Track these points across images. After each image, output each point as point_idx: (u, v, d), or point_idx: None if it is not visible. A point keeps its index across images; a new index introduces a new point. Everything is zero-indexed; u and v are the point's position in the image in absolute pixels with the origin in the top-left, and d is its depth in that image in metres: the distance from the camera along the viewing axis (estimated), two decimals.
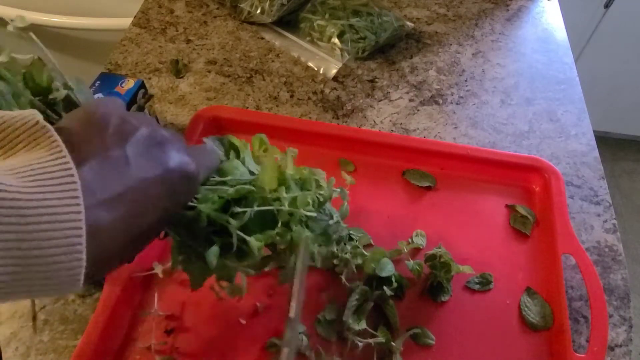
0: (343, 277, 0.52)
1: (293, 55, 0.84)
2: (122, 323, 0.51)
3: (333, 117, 0.75)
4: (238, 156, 0.41)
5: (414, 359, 0.51)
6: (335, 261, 0.54)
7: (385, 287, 0.52)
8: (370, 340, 0.49)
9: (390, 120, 0.75)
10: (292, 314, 0.40)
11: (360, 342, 0.49)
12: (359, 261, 0.53)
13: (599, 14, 1.62)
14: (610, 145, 2.09)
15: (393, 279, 0.53)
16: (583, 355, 0.50)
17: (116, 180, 0.27)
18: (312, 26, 0.85)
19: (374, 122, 0.75)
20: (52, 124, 0.25)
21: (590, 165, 0.72)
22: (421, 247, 0.59)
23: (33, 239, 0.22)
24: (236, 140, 0.42)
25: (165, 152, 0.30)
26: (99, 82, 0.64)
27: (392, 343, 0.50)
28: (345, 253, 0.53)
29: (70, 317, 0.53)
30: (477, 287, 0.57)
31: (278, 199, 0.38)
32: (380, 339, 0.49)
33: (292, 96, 0.78)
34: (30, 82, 0.34)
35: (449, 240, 0.60)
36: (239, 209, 0.35)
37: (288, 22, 0.88)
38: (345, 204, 0.50)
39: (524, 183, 0.67)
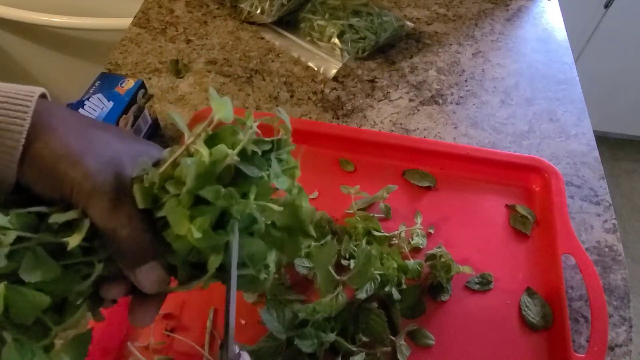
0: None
1: (293, 55, 0.84)
2: (122, 323, 0.51)
3: (333, 117, 0.75)
4: None
5: (414, 359, 0.51)
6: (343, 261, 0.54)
7: (394, 289, 0.52)
8: (377, 352, 0.50)
9: (390, 120, 0.75)
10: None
11: (366, 351, 0.49)
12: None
13: (599, 14, 1.62)
14: (610, 145, 2.09)
15: (403, 281, 0.53)
16: (583, 355, 0.50)
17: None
18: (312, 26, 0.85)
19: (374, 122, 0.75)
20: None
21: (590, 165, 0.72)
22: (421, 247, 0.59)
23: None
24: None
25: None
26: (99, 82, 0.64)
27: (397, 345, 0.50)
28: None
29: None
30: (477, 287, 0.57)
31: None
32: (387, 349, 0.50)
33: (292, 96, 0.78)
34: None
35: (449, 240, 0.60)
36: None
37: (288, 22, 0.88)
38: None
39: (524, 183, 0.67)
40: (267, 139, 0.34)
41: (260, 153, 0.33)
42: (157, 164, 0.32)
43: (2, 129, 0.28)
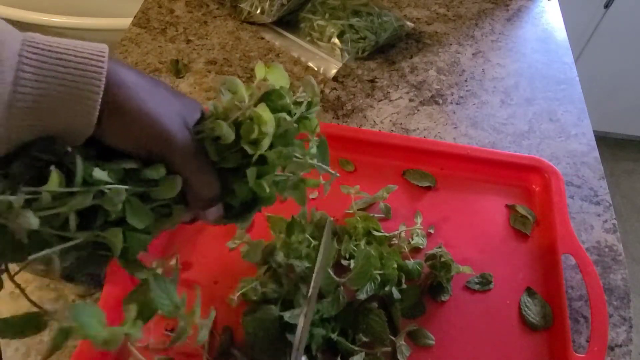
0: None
1: (293, 55, 0.84)
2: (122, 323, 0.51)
3: (333, 117, 0.75)
4: None
5: (414, 359, 0.51)
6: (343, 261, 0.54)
7: (394, 289, 0.52)
8: (377, 352, 0.50)
9: (390, 120, 0.75)
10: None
11: (366, 351, 0.49)
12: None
13: (599, 14, 1.62)
14: (610, 145, 2.09)
15: (403, 281, 0.53)
16: (583, 355, 0.50)
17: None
18: (312, 26, 0.85)
19: (374, 122, 0.75)
20: None
21: (590, 165, 0.72)
22: (421, 247, 0.59)
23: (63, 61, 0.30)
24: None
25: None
26: None
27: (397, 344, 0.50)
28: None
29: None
30: (477, 287, 0.57)
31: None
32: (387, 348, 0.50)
33: None
34: None
35: (449, 240, 0.60)
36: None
37: (288, 22, 0.88)
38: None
39: (524, 183, 0.67)
40: (301, 100, 0.39)
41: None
42: (202, 117, 0.38)
43: (81, 88, 0.30)
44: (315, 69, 0.82)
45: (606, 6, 1.59)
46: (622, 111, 1.92)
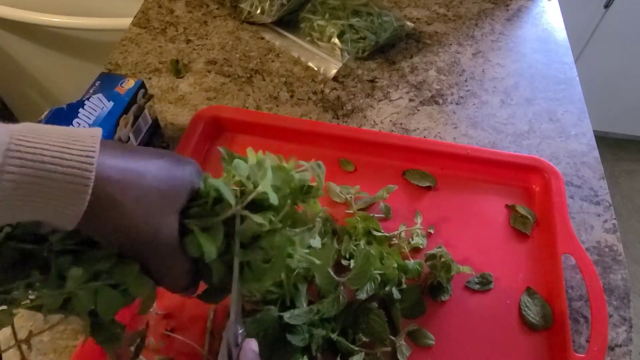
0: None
1: (293, 55, 0.84)
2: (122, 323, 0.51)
3: (333, 117, 0.75)
4: None
5: (414, 359, 0.51)
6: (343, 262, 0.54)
7: (394, 289, 0.52)
8: (377, 352, 0.50)
9: (390, 120, 0.75)
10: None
11: (366, 351, 0.49)
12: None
13: (599, 14, 1.62)
14: (610, 145, 2.09)
15: (403, 281, 0.53)
16: (583, 355, 0.50)
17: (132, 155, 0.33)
18: (312, 26, 0.85)
19: (374, 122, 0.75)
20: None
21: (590, 165, 0.72)
22: (421, 247, 0.59)
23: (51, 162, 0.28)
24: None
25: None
26: (99, 82, 0.64)
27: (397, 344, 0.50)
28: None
29: (70, 317, 0.53)
30: (477, 287, 0.57)
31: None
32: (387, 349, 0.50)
33: (292, 96, 0.78)
34: None
35: (449, 240, 0.60)
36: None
37: (288, 22, 0.88)
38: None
39: (524, 183, 0.67)
40: (302, 183, 0.40)
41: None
42: (194, 192, 0.37)
43: (66, 199, 0.29)
44: (315, 69, 0.82)
45: (606, 6, 1.59)
46: (622, 111, 1.92)
